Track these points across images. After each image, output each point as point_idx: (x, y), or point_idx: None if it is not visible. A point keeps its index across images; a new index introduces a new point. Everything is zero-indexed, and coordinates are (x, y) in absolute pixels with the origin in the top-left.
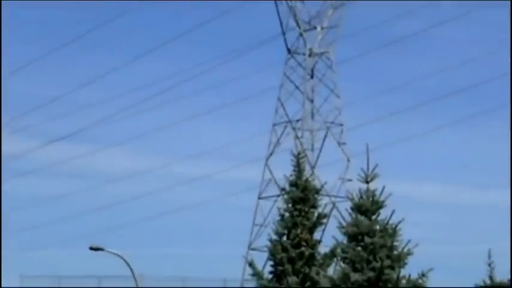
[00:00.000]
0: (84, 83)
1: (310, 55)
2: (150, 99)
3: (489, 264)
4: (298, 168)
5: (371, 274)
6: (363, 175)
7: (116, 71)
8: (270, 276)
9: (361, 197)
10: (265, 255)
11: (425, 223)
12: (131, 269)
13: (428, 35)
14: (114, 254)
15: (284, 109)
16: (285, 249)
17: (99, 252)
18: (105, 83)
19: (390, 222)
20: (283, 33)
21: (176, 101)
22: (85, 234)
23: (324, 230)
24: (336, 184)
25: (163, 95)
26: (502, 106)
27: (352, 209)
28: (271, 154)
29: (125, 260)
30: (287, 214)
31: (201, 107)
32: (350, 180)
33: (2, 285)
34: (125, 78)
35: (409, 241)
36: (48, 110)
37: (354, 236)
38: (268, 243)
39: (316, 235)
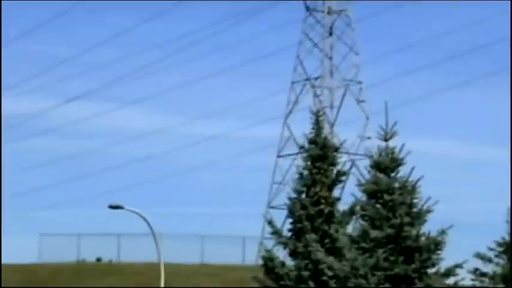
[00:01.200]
0: (101, 42)
1: (328, 13)
2: (166, 58)
3: (508, 222)
4: (317, 126)
5: (390, 231)
6: (382, 133)
7: (133, 30)
8: (289, 233)
9: (380, 154)
10: (284, 213)
11: (445, 180)
12: (150, 227)
13: None
14: (133, 212)
15: (303, 67)
16: (304, 207)
17: (118, 210)
18: (122, 42)
19: (409, 179)
20: None
21: (193, 59)
22: (104, 192)
23: (343, 188)
24: (355, 142)
25: (180, 53)
26: None
27: (371, 166)
28: (290, 112)
29: (144, 218)
30: (306, 172)
31: (219, 65)
32: (369, 138)
33: (21, 242)
34: (142, 37)
35: (428, 198)
36: (64, 69)
37: (373, 194)
38: (287, 201)
39: (335, 193)
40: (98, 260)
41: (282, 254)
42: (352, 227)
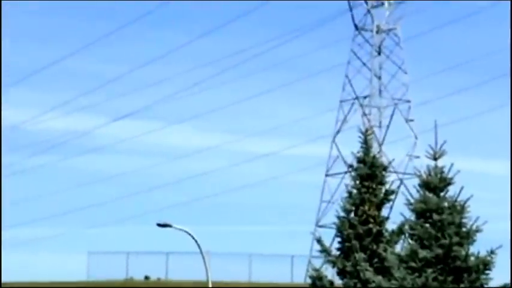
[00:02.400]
0: (150, 60)
1: (377, 31)
2: (217, 76)
3: None
4: (366, 145)
5: (439, 251)
6: (431, 152)
7: (184, 47)
8: (338, 252)
9: (429, 173)
10: (333, 231)
11: (494, 200)
12: (198, 246)
13: (496, 11)
14: (181, 230)
15: (351, 86)
16: (352, 226)
17: (167, 228)
18: (171, 60)
19: (458, 199)
20: (351, 10)
21: (243, 78)
22: (152, 210)
23: (391, 207)
24: (404, 161)
25: (230, 71)
26: None
27: (420, 185)
28: (338, 131)
29: (192, 237)
30: (354, 191)
31: (268, 84)
32: (418, 157)
33: (70, 260)
34: (192, 55)
35: (477, 218)
36: (114, 88)
37: (422, 213)
38: (336, 220)
39: (384, 212)
40: (146, 278)
41: (330, 273)
42: (401, 247)
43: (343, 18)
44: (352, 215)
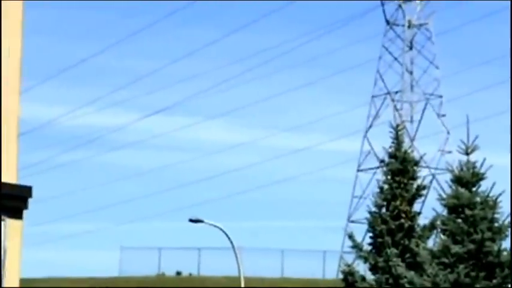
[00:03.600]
0: (183, 56)
1: (409, 26)
2: (249, 72)
3: None
4: (397, 140)
5: (471, 246)
6: (463, 147)
7: (217, 43)
8: (370, 248)
9: (461, 169)
10: (365, 227)
11: None
12: (231, 241)
13: None
14: (213, 225)
15: (383, 81)
16: (384, 221)
17: (199, 224)
18: (203, 56)
19: (491, 194)
20: (382, 5)
21: (275, 73)
22: (185, 206)
23: (423, 202)
24: (436, 156)
25: (262, 68)
26: None
27: (452, 180)
28: (370, 126)
29: (224, 232)
30: (386, 186)
31: (300, 79)
32: (450, 152)
33: (102, 256)
34: (224, 51)
35: (510, 213)
36: (147, 83)
37: (454, 208)
38: (368, 215)
39: (416, 207)
40: (178, 273)
41: (362, 268)
42: (433, 242)
43: (375, 14)
44: (384, 210)
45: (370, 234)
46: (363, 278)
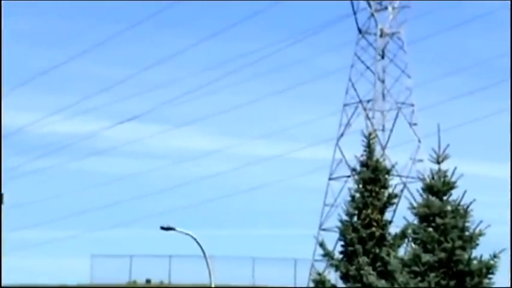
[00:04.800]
0: (154, 63)
1: (381, 35)
2: (221, 80)
3: None
4: (369, 149)
5: (442, 255)
6: (434, 156)
7: (188, 50)
8: (341, 256)
9: (433, 177)
10: (336, 235)
11: (497, 204)
12: (202, 249)
13: (499, 15)
14: (185, 233)
15: (355, 89)
16: (355, 230)
17: (170, 231)
18: (175, 63)
19: (462, 203)
20: (354, 13)
21: (247, 81)
22: (156, 213)
23: (394, 211)
24: (407, 165)
25: (234, 75)
26: None
27: (423, 189)
28: (342, 135)
29: (195, 240)
30: (358, 195)
31: (272, 87)
32: (421, 160)
33: (73, 263)
34: (196, 58)
35: (480, 222)
36: (118, 91)
37: (425, 217)
38: (339, 224)
39: (387, 215)
40: (148, 281)
41: (333, 276)
42: (404, 251)
43: (347, 22)
44: (355, 218)
45: (342, 243)
46: (334, 287)
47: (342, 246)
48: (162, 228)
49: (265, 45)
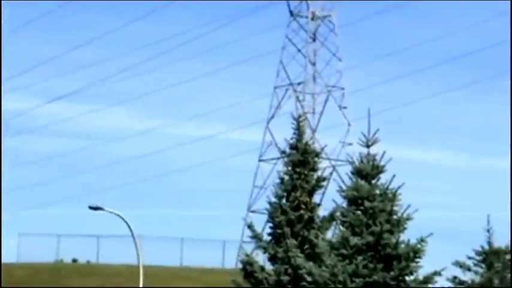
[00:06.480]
0: (85, 42)
1: (312, 18)
2: (152, 59)
3: (488, 230)
4: (299, 132)
5: (370, 238)
6: (364, 139)
7: (120, 30)
8: (269, 238)
9: (362, 161)
10: (265, 217)
11: (425, 188)
12: (130, 229)
13: (430, 1)
14: (113, 213)
15: (286, 72)
16: (284, 212)
17: (99, 211)
18: (106, 43)
19: (390, 186)
20: None
21: (178, 62)
22: (85, 193)
23: (323, 194)
24: (337, 148)
25: (165, 55)
26: (502, 73)
27: (352, 172)
28: (272, 117)
29: (124, 220)
30: (287, 177)
31: (203, 68)
32: (350, 144)
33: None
34: (128, 38)
35: (408, 206)
36: (49, 69)
37: (354, 200)
38: (268, 206)
39: (316, 198)
40: (74, 260)
41: (261, 258)
42: (332, 233)
43: (279, 4)
44: (284, 201)
45: (270, 225)
46: (262, 268)
47: (271, 228)
48: (91, 208)
49: (197, 26)
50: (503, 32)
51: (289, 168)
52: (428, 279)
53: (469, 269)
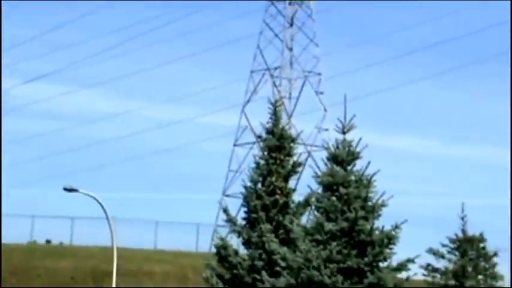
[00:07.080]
0: (61, 24)
1: (290, 3)
2: (128, 42)
3: (462, 218)
4: (275, 116)
5: (344, 224)
6: (340, 125)
7: (95, 13)
8: (244, 222)
9: (337, 147)
10: (240, 201)
11: (400, 175)
12: (105, 211)
13: None
14: (88, 195)
15: (263, 56)
16: (259, 197)
17: (73, 193)
18: (82, 25)
19: (365, 173)
20: None
21: (154, 45)
22: (59, 174)
23: (298, 179)
24: (312, 133)
25: (141, 38)
26: (477, 62)
27: (327, 158)
28: (248, 101)
29: (98, 202)
30: (262, 162)
31: (179, 52)
32: (326, 130)
33: None
34: (104, 21)
35: (383, 192)
36: (24, 50)
37: (329, 186)
38: (243, 190)
39: (291, 183)
40: (48, 242)
41: (235, 242)
42: (307, 219)
43: None
44: (259, 185)
45: (245, 209)
46: (236, 252)
47: (245, 212)
48: (65, 189)
49: (173, 10)
50: (478, 20)
51: (265, 153)
52: (401, 266)
53: (442, 257)
